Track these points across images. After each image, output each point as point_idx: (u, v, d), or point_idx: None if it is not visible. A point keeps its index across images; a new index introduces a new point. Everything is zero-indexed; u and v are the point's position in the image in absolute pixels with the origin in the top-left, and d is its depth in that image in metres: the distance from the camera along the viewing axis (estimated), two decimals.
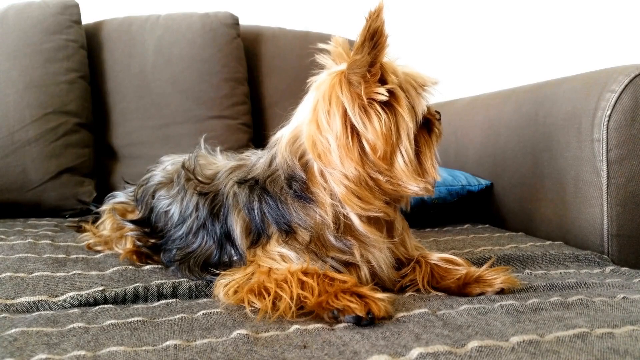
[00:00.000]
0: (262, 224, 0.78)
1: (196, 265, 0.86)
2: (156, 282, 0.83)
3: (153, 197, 1.00)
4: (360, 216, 0.75)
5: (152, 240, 0.98)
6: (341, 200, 0.74)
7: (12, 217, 1.46)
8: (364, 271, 0.76)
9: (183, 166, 0.96)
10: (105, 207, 1.13)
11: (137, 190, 1.07)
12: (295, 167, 0.76)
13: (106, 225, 1.09)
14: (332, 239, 0.75)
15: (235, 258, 0.82)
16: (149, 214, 1.00)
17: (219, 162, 0.96)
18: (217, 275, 0.79)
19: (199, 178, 0.91)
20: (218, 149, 1.02)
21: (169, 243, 0.93)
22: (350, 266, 0.77)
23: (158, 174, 1.04)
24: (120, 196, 1.14)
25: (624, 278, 0.91)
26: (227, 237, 0.83)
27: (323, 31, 1.97)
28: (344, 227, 0.75)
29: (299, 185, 0.75)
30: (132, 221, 1.02)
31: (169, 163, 1.06)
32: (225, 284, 0.75)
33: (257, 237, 0.79)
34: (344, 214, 0.75)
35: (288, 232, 0.76)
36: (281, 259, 0.75)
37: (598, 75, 1.18)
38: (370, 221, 0.76)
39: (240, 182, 0.82)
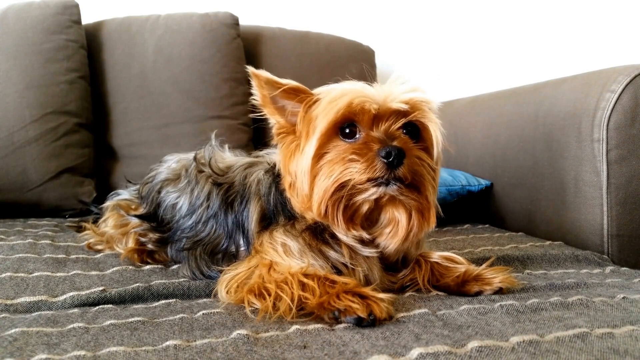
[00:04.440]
0: (275, 210, 0.81)
1: (205, 253, 0.88)
2: (156, 282, 0.83)
3: (159, 193, 1.01)
4: None
5: (158, 234, 0.99)
6: None
7: (12, 217, 1.46)
8: (358, 273, 0.77)
9: (195, 159, 0.98)
10: (108, 203, 1.14)
11: (141, 187, 1.08)
12: None
13: (109, 223, 1.09)
14: (325, 234, 0.77)
15: (242, 249, 0.85)
16: (155, 209, 1.01)
17: (230, 158, 0.98)
18: (221, 271, 0.80)
19: (214, 169, 0.93)
20: (226, 146, 1.04)
21: (178, 233, 0.94)
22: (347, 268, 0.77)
23: (163, 172, 1.05)
24: (124, 194, 1.15)
25: (624, 278, 0.91)
26: (238, 227, 0.85)
27: (323, 31, 1.97)
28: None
29: None
30: (138, 216, 1.03)
31: (174, 161, 1.07)
32: (228, 280, 0.76)
33: (268, 223, 0.81)
34: None
35: (290, 218, 0.79)
36: (283, 252, 0.76)
37: (598, 75, 1.18)
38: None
39: (267, 170, 0.86)
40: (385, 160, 0.69)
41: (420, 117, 0.74)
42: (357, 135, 0.74)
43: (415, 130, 0.75)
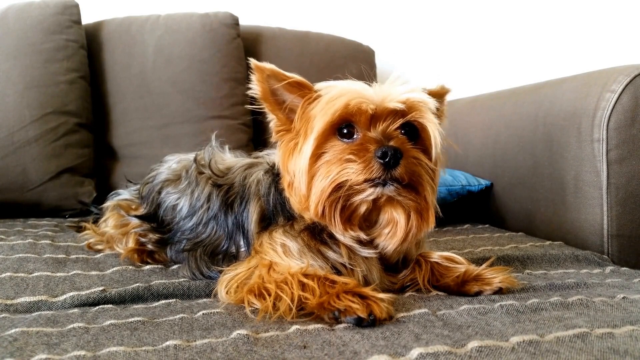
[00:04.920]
0: (274, 211, 0.81)
1: (205, 254, 0.88)
2: (156, 282, 0.83)
3: (159, 193, 1.01)
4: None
5: (158, 235, 0.99)
6: None
7: (12, 217, 1.46)
8: (357, 273, 0.77)
9: (195, 160, 0.98)
10: (108, 203, 1.14)
11: (142, 187, 1.08)
12: None
13: (109, 223, 1.09)
14: (324, 234, 0.77)
15: (242, 249, 0.84)
16: (156, 210, 1.01)
17: (230, 159, 0.98)
18: (221, 272, 0.80)
19: (214, 171, 0.93)
20: (227, 147, 1.04)
21: (178, 235, 0.94)
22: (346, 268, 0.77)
23: (164, 172, 1.05)
24: (124, 194, 1.15)
25: (624, 278, 0.91)
26: (238, 227, 0.85)
27: (323, 31, 1.97)
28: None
29: None
30: (138, 216, 1.03)
31: (174, 162, 1.07)
32: (228, 280, 0.76)
33: (268, 224, 0.81)
34: None
35: (289, 219, 0.79)
36: (283, 252, 0.76)
37: (598, 75, 1.18)
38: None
39: (267, 171, 0.86)
40: (382, 161, 0.69)
41: (418, 117, 0.74)
42: (355, 136, 0.73)
43: (414, 131, 0.75)
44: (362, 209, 0.74)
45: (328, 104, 0.73)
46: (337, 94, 0.73)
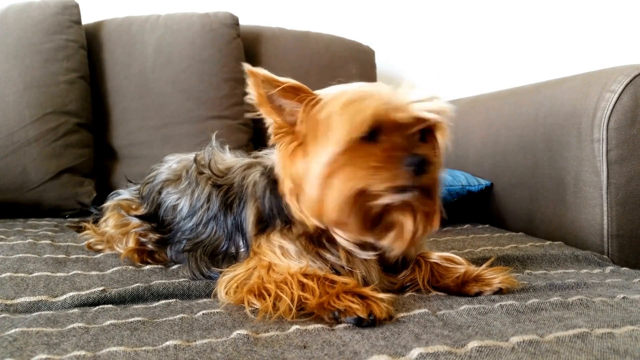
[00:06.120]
0: (271, 214, 0.80)
1: (205, 254, 0.87)
2: (156, 282, 0.83)
3: (160, 193, 1.01)
4: None
5: (158, 235, 0.99)
6: None
7: (12, 217, 1.46)
8: (356, 275, 0.76)
9: (195, 160, 0.97)
10: (109, 203, 1.14)
11: (142, 187, 1.08)
12: None
13: (109, 223, 1.09)
14: (322, 239, 0.77)
15: (242, 250, 0.84)
16: (156, 210, 1.01)
17: (230, 159, 0.97)
18: (221, 272, 0.80)
19: (214, 171, 0.93)
20: (227, 147, 1.03)
21: (178, 235, 0.94)
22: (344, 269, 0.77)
23: (164, 172, 1.05)
24: (125, 194, 1.15)
25: (624, 278, 0.91)
26: (237, 228, 0.85)
27: (323, 31, 1.97)
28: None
29: None
30: (138, 216, 1.03)
31: (174, 162, 1.07)
32: (227, 281, 0.76)
33: (265, 226, 0.81)
34: None
35: (287, 222, 0.78)
36: (281, 253, 0.76)
37: (598, 75, 1.18)
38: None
39: (263, 173, 0.85)
40: (410, 169, 0.67)
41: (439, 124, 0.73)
42: (378, 139, 0.70)
43: (425, 133, 0.74)
44: (374, 212, 0.72)
45: (349, 108, 0.69)
46: (357, 97, 0.70)
